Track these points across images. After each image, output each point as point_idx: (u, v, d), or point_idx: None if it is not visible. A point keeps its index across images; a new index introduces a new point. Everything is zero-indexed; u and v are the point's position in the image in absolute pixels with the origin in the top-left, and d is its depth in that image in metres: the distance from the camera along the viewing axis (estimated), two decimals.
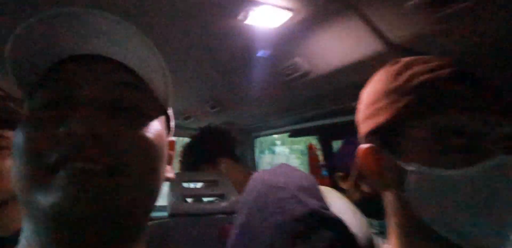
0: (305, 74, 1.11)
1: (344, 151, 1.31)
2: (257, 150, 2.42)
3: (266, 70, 1.20)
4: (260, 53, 1.10)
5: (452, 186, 0.43)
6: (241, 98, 1.58)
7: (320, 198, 0.66)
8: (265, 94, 1.46)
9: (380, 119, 0.49)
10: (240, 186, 1.42)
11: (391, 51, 0.88)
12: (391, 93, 0.48)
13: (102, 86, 0.37)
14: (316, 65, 1.06)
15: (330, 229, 0.61)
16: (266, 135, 2.38)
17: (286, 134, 2.30)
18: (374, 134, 0.51)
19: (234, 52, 1.10)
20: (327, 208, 0.64)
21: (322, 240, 0.59)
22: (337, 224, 0.62)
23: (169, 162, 0.46)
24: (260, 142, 2.59)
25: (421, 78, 0.46)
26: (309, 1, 0.82)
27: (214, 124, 1.55)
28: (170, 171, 0.46)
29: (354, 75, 1.04)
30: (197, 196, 1.27)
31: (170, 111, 0.46)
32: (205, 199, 1.33)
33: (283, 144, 7.29)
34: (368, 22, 0.84)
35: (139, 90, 0.39)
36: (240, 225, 0.67)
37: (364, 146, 0.52)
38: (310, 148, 1.47)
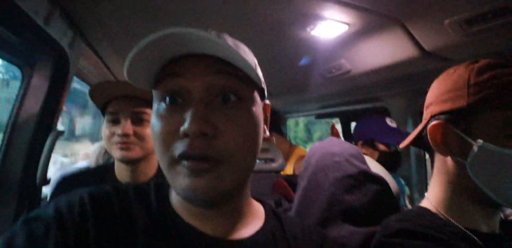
0: (346, 72, 1.11)
1: (356, 130, 1.32)
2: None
3: (314, 68, 1.21)
4: (311, 56, 1.10)
5: (508, 162, 0.43)
6: (287, 87, 1.59)
7: (365, 162, 0.70)
8: (306, 86, 1.47)
9: (459, 104, 0.48)
10: (284, 153, 1.50)
11: (423, 56, 0.88)
12: (473, 85, 0.47)
13: (209, 76, 0.35)
14: (356, 66, 1.06)
15: (376, 183, 0.64)
16: (295, 117, 2.39)
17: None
18: (445, 114, 0.50)
19: (293, 53, 1.11)
20: (370, 170, 0.67)
21: (371, 191, 0.63)
22: (380, 180, 0.65)
23: (266, 123, 0.44)
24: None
25: (503, 79, 0.45)
26: (363, 17, 0.82)
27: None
28: (265, 131, 0.43)
29: (386, 74, 1.05)
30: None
31: (263, 85, 0.42)
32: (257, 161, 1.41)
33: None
34: (407, 33, 0.84)
35: (238, 77, 0.36)
36: (304, 186, 0.69)
37: (435, 121, 0.51)
38: (333, 126, 1.49)
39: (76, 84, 1.03)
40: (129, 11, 0.82)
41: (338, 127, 2.07)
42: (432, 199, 0.53)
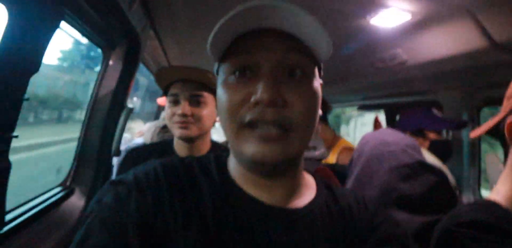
0: (401, 63, 1.08)
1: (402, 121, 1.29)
2: None
3: (366, 57, 1.19)
4: (365, 44, 1.08)
5: None
6: (335, 76, 1.58)
7: (421, 153, 0.69)
8: (354, 75, 1.45)
9: None
10: (327, 143, 1.50)
11: (492, 48, 0.83)
12: None
13: (278, 54, 0.36)
14: (413, 56, 1.03)
15: (433, 174, 0.64)
16: (339, 106, 2.36)
17: None
18: None
19: (347, 41, 1.10)
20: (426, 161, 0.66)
21: (427, 181, 0.62)
22: (438, 171, 0.65)
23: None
24: None
25: None
26: (430, 6, 0.79)
27: None
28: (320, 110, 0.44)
29: (445, 66, 1.01)
30: None
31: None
32: None
33: None
34: (477, 23, 0.79)
35: (305, 54, 0.38)
36: (357, 173, 0.70)
37: None
38: (376, 119, 1.46)
39: None
40: (198, 5, 0.87)
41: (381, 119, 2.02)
42: (502, 193, 0.51)
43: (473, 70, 0.99)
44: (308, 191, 0.45)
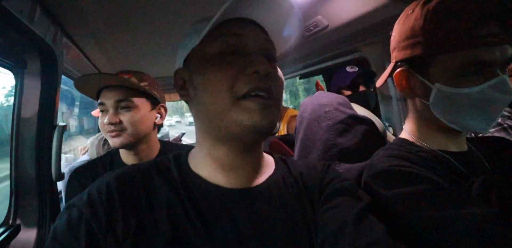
0: (324, 28, 1.15)
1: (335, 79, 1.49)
2: None
3: None
4: None
5: (464, 99, 0.48)
6: None
7: (351, 108, 0.76)
8: (291, 47, 1.49)
9: (416, 51, 0.50)
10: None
11: (393, 2, 0.90)
12: (428, 31, 0.48)
13: (261, 40, 0.44)
14: (333, 20, 1.09)
15: (363, 124, 0.72)
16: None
17: None
18: (407, 61, 0.54)
19: None
20: (356, 113, 0.74)
21: (360, 131, 0.70)
22: (367, 121, 0.72)
23: None
24: None
25: (454, 20, 0.45)
26: None
27: None
28: None
29: (361, 25, 1.09)
30: None
31: None
32: None
33: None
34: None
35: (273, 45, 0.46)
36: (301, 137, 0.76)
37: (399, 69, 0.55)
38: (317, 83, 1.56)
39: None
40: (107, 3, 0.81)
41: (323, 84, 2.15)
42: (408, 131, 0.60)
43: (384, 23, 1.09)
44: (268, 169, 0.49)
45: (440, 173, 0.48)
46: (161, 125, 0.95)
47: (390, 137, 0.91)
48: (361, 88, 1.37)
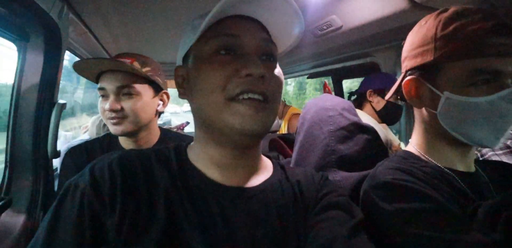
0: (338, 28, 1.11)
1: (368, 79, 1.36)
2: None
3: (307, 27, 1.19)
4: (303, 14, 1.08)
5: (472, 109, 0.46)
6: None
7: (356, 115, 0.74)
8: (298, 45, 1.46)
9: (426, 59, 0.49)
10: (279, 113, 1.55)
11: (413, 8, 0.86)
12: (439, 39, 0.47)
13: (258, 40, 0.42)
14: (348, 21, 1.06)
15: (366, 133, 0.70)
16: (288, 77, 2.39)
17: None
18: (418, 69, 0.52)
19: None
20: (360, 121, 0.72)
21: (361, 140, 0.68)
22: (370, 130, 0.70)
23: None
24: None
25: (468, 29, 0.45)
26: None
27: None
28: None
29: (377, 28, 1.05)
30: None
31: None
32: None
33: None
34: None
35: (273, 44, 0.44)
36: (301, 139, 0.74)
37: (409, 77, 0.54)
38: (325, 85, 1.52)
39: (65, 61, 1.03)
40: None
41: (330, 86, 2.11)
42: (414, 144, 0.58)
43: (400, 29, 1.05)
44: (264, 172, 0.48)
45: (444, 192, 0.47)
46: (162, 112, 0.93)
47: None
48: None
